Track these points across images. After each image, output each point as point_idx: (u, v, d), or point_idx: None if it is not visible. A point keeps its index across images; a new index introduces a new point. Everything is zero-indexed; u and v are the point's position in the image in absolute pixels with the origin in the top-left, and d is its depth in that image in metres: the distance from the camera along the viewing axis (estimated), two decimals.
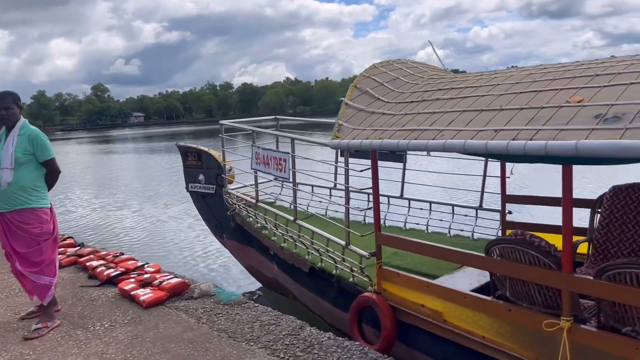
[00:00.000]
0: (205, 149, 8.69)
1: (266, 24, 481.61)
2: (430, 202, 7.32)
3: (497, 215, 6.68)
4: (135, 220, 15.40)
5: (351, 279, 5.43)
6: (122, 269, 6.53)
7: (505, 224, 6.47)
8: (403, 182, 7.48)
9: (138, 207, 17.59)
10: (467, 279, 5.18)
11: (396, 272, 4.86)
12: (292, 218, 6.35)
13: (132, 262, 6.89)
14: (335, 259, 5.60)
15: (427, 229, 7.23)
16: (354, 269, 5.31)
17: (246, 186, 8.11)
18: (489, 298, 4.13)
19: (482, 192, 6.83)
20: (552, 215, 10.02)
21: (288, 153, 6.06)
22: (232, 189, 7.96)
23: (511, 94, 3.98)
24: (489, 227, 6.78)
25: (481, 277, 5.18)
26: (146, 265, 6.66)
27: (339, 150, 8.09)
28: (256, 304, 5.38)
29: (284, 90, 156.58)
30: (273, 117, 8.60)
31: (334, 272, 5.68)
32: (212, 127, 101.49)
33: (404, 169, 7.34)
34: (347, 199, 5.35)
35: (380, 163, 6.65)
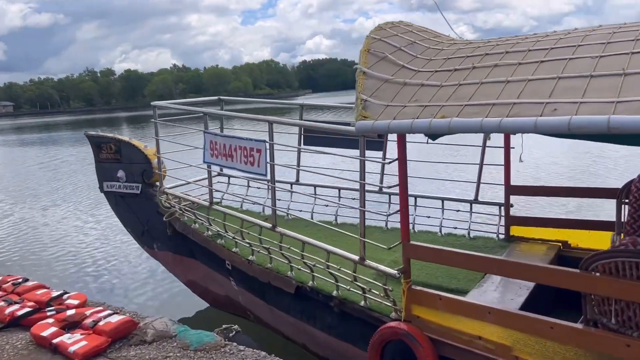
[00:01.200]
0: (126, 138, 6.98)
1: (148, 8, 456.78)
2: (416, 196, 6.26)
3: (495, 209, 5.80)
4: (21, 229, 12.77)
5: (362, 303, 4.21)
6: (32, 304, 4.76)
7: (509, 219, 5.60)
8: (382, 173, 6.35)
9: (23, 212, 14.84)
10: (504, 294, 4.18)
11: (437, 295, 3.71)
12: (267, 225, 4.98)
13: (44, 291, 5.11)
14: (337, 276, 4.34)
15: (413, 228, 6.17)
16: (374, 290, 4.09)
17: (189, 183, 6.55)
18: (591, 329, 3.12)
19: (479, 183, 5.90)
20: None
21: (264, 141, 4.66)
22: (169, 188, 6.35)
23: (621, 55, 2.97)
24: (487, 224, 5.87)
25: (518, 289, 4.21)
26: (66, 297, 4.93)
27: (302, 133, 6.80)
28: (241, 348, 3.98)
29: (172, 77, 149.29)
30: (216, 97, 7.05)
31: (334, 293, 4.41)
32: (93, 116, 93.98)
33: (384, 158, 6.20)
34: (363, 199, 4.10)
35: (347, 152, 5.54)
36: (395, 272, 3.81)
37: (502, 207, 5.66)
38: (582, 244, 5.11)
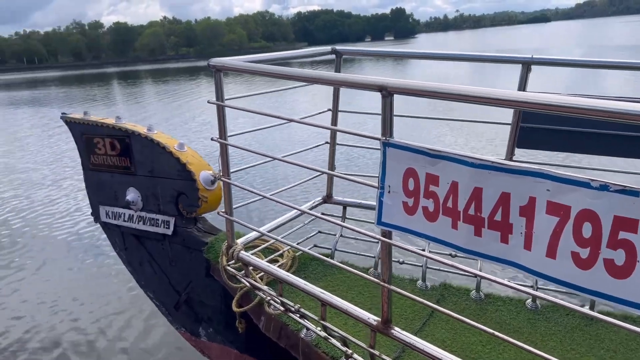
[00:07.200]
0: (142, 129, 3.56)
1: None
2: None
3: None
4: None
5: None
6: None
7: None
8: None
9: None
10: None
11: None
12: None
13: None
14: None
15: None
16: None
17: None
18: None
19: None
20: None
21: None
22: (248, 244, 2.95)
23: None
24: None
25: None
26: None
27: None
28: None
29: (163, 30, 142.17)
30: (330, 47, 3.50)
31: None
32: (82, 72, 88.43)
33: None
34: None
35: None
36: None
37: None
38: None
